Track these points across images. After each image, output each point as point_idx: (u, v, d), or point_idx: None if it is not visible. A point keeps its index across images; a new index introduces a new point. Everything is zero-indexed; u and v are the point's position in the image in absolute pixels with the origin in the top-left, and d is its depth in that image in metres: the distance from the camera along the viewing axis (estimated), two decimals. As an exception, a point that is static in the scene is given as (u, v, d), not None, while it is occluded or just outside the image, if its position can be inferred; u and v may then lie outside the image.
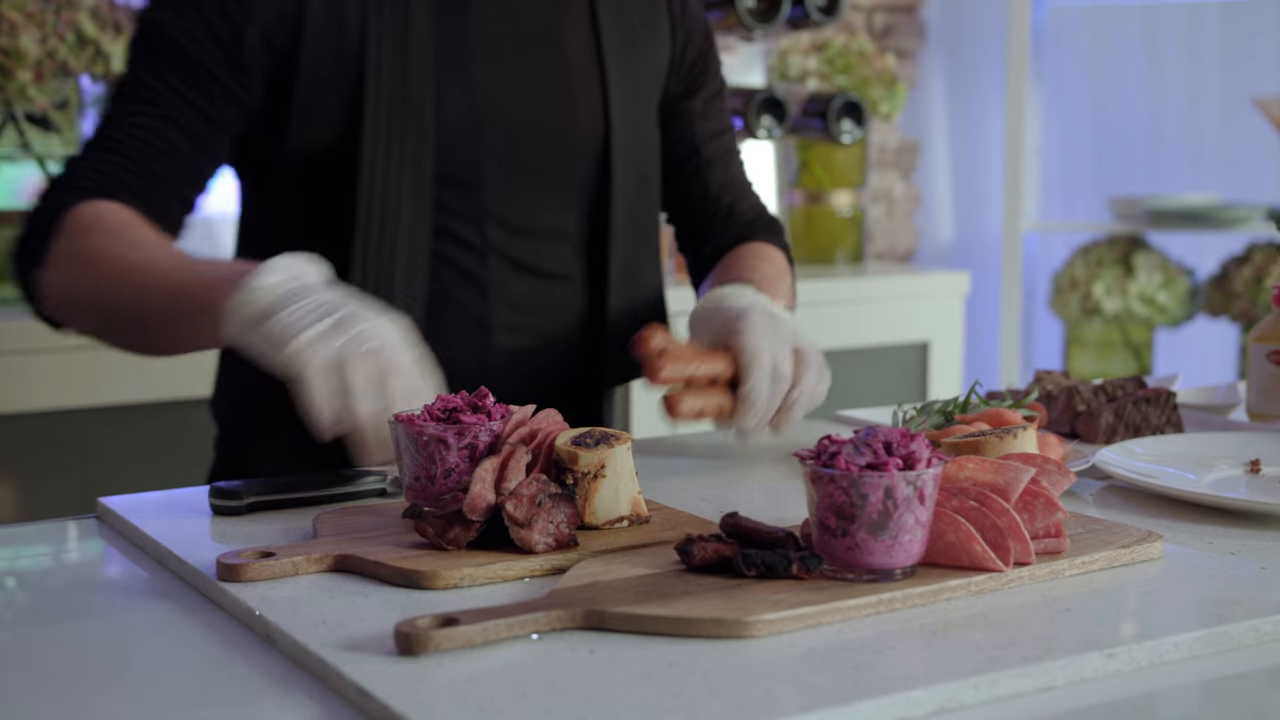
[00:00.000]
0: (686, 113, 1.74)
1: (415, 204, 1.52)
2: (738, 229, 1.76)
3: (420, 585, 1.04)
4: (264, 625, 0.98)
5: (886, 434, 1.02)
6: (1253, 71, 3.81)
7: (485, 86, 1.55)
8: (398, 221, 1.51)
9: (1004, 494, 1.06)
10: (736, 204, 1.78)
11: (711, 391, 1.42)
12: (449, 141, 1.53)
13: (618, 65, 1.63)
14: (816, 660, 0.90)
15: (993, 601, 1.01)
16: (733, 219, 1.77)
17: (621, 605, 0.96)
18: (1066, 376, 1.76)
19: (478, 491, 1.09)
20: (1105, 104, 4.03)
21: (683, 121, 1.74)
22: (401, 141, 1.50)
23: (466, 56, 1.54)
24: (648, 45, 1.67)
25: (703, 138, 1.76)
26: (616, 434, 1.18)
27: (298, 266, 1.31)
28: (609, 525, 1.16)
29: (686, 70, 1.74)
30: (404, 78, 1.50)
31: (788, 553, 1.02)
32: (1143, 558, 1.10)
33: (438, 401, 1.20)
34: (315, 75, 1.48)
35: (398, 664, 0.89)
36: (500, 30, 1.56)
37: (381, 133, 1.49)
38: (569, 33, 1.61)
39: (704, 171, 1.76)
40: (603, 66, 1.62)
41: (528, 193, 1.59)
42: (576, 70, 1.61)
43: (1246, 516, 1.24)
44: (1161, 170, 3.97)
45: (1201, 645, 0.95)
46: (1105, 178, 4.00)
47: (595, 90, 1.62)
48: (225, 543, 1.16)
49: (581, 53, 1.61)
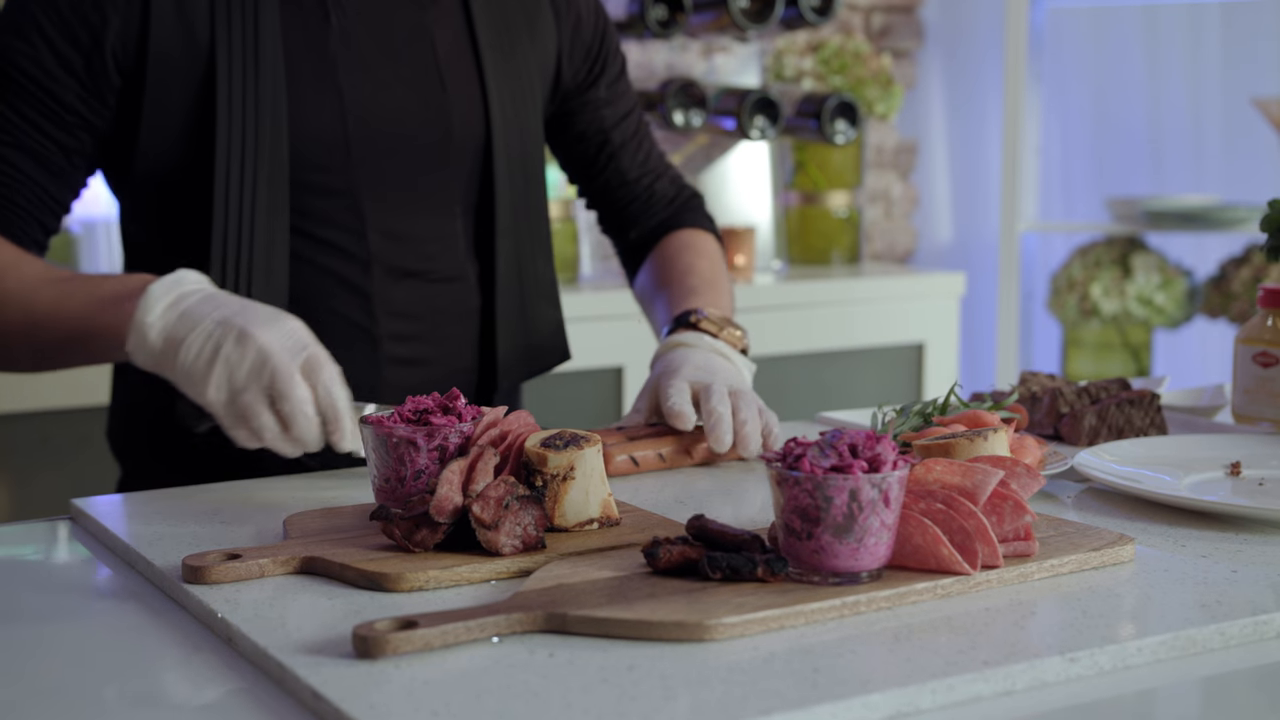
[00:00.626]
0: (593, 101, 1.74)
1: (271, 217, 1.49)
2: (661, 211, 1.78)
3: (385, 588, 1.04)
4: (225, 628, 0.97)
5: (852, 436, 1.01)
6: (1253, 72, 3.79)
7: (351, 93, 1.52)
8: (253, 234, 1.48)
9: (972, 497, 1.05)
10: (655, 184, 1.79)
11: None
12: (318, 150, 1.51)
13: (494, 60, 1.61)
14: (776, 664, 0.89)
15: (959, 605, 1.01)
16: (654, 200, 1.79)
17: (583, 608, 0.96)
18: (1052, 378, 1.75)
19: (444, 493, 1.09)
20: (1105, 104, 4.02)
21: (590, 111, 1.74)
22: (255, 153, 1.47)
23: (329, 63, 1.52)
24: (527, 37, 1.65)
25: (611, 124, 1.76)
26: (586, 436, 1.17)
27: (177, 288, 1.31)
28: (578, 527, 1.16)
29: (583, 57, 1.72)
30: (255, 89, 1.47)
31: (753, 555, 1.01)
32: (1113, 561, 1.10)
33: (409, 403, 1.19)
34: (163, 92, 1.46)
35: (354, 667, 0.89)
36: (362, 34, 1.54)
37: (235, 145, 1.47)
38: (439, 31, 1.58)
39: (617, 158, 1.76)
40: (479, 63, 1.60)
41: (408, 197, 1.57)
42: (449, 69, 1.58)
43: (1222, 519, 1.23)
44: (1162, 171, 3.96)
45: (1165, 649, 0.94)
46: (1105, 178, 3.99)
47: (472, 88, 1.60)
48: (195, 544, 1.16)
49: (454, 50, 1.59)
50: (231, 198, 1.47)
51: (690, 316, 1.57)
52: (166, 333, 1.29)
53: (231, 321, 1.27)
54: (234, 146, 1.47)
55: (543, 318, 1.69)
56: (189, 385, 1.28)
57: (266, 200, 1.49)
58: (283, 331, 1.28)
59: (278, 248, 1.50)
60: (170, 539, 1.18)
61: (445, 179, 1.59)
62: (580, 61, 1.72)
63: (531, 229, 1.68)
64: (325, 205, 1.53)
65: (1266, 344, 1.64)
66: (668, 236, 1.76)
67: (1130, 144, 3.99)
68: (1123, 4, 3.94)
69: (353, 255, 1.54)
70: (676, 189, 1.81)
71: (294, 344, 1.27)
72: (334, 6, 1.53)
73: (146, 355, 1.31)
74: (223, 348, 1.27)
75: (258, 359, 1.25)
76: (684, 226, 1.77)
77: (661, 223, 1.78)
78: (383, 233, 1.55)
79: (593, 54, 1.73)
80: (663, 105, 2.93)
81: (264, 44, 1.48)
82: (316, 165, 1.51)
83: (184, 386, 1.29)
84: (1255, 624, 0.97)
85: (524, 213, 1.66)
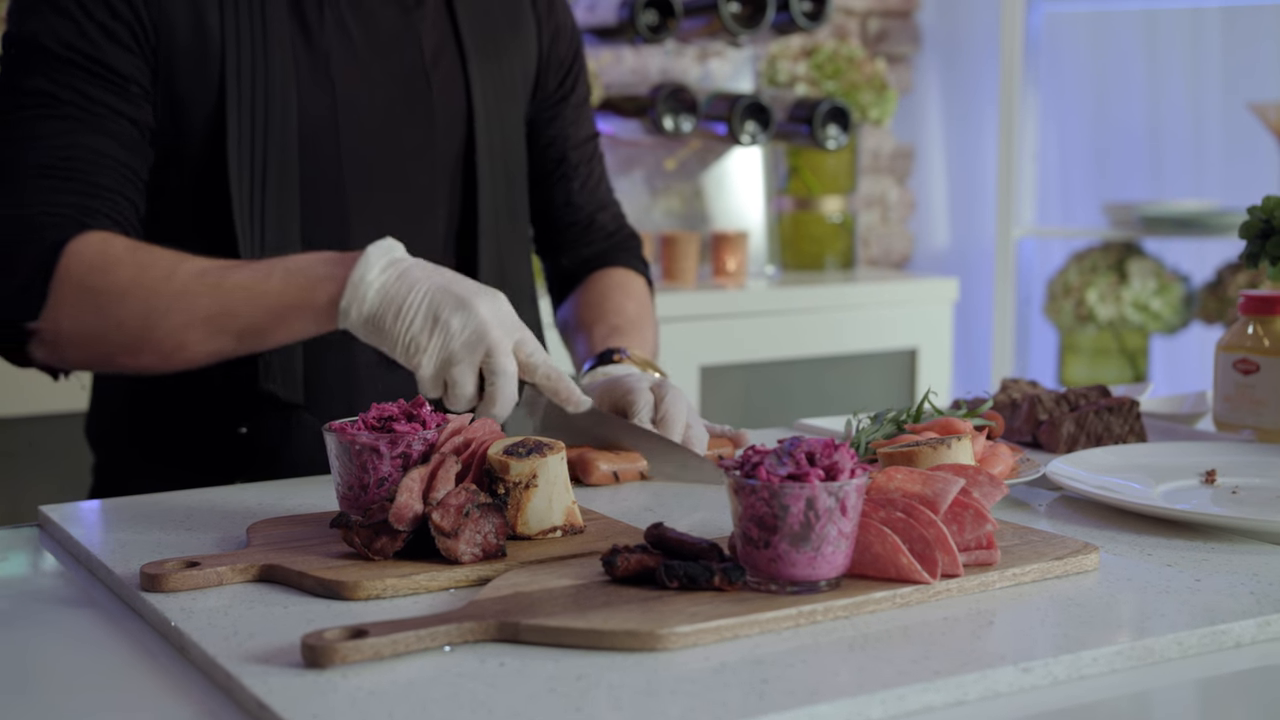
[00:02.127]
0: (560, 117, 1.75)
1: (282, 205, 1.50)
2: (599, 243, 1.80)
3: (342, 596, 1.03)
4: (178, 636, 0.97)
5: (809, 444, 1.01)
6: (1253, 77, 3.78)
7: (342, 86, 1.54)
8: (264, 219, 1.49)
9: (932, 505, 1.05)
10: (598, 215, 1.81)
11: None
12: (311, 144, 1.52)
13: (479, 63, 1.63)
14: (726, 674, 0.89)
15: (918, 614, 1.00)
16: (593, 229, 1.80)
17: (537, 617, 0.95)
18: (1034, 385, 1.74)
19: (404, 501, 1.09)
20: (1105, 109, 4.01)
21: (556, 126, 1.75)
22: (265, 137, 1.48)
23: (321, 56, 1.53)
24: (510, 42, 1.67)
25: (573, 143, 1.77)
26: (550, 443, 1.17)
27: (391, 252, 1.33)
28: (542, 535, 1.15)
29: (556, 67, 1.73)
30: (265, 75, 1.49)
31: (710, 564, 1.01)
32: (1077, 569, 1.09)
33: (373, 410, 1.19)
34: (174, 78, 1.47)
35: (302, 677, 0.88)
36: (353, 30, 1.56)
37: (245, 130, 1.48)
38: (425, 32, 1.60)
39: (570, 178, 1.78)
40: (464, 65, 1.62)
41: (392, 196, 1.58)
42: (435, 70, 1.60)
43: (1191, 528, 1.23)
44: (1161, 176, 3.95)
45: (1121, 659, 0.93)
46: (1104, 183, 3.98)
47: (457, 89, 1.61)
48: (158, 552, 1.15)
49: (440, 50, 1.61)
50: (243, 189, 1.48)
51: (614, 355, 1.59)
52: (385, 291, 1.31)
53: (450, 289, 1.30)
54: (243, 136, 1.48)
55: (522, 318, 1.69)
56: (405, 349, 1.30)
57: (277, 192, 1.50)
58: (497, 306, 1.31)
59: (290, 233, 1.51)
60: (134, 546, 1.17)
61: (429, 179, 1.61)
62: (556, 73, 1.74)
63: (513, 230, 1.69)
64: (313, 198, 1.53)
65: (1247, 351, 1.63)
66: (599, 273, 1.78)
67: (1130, 149, 3.98)
68: (1122, 8, 3.93)
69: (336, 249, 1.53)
70: (617, 225, 1.84)
71: (509, 321, 1.31)
72: (330, 5, 1.54)
73: (359, 314, 1.31)
74: (441, 315, 1.29)
75: (476, 332, 1.29)
76: (617, 265, 1.80)
77: (596, 255, 1.80)
78: (366, 229, 1.56)
79: (566, 67, 1.75)
80: (653, 110, 2.93)
81: (272, 32, 1.50)
82: (308, 158, 1.52)
83: (397, 350, 1.31)
84: (1213, 634, 0.97)
85: (505, 214, 1.67)
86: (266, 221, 1.50)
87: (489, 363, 1.30)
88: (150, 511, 1.29)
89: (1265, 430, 1.61)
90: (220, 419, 1.55)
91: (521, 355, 1.32)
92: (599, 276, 1.78)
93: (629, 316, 1.69)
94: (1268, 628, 0.98)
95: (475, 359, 1.30)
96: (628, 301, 1.73)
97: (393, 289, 1.31)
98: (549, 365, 1.34)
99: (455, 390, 1.31)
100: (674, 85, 2.94)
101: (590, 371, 1.59)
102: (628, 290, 1.75)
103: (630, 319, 1.69)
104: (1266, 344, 1.62)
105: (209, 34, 1.47)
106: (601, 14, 2.92)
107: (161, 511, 1.29)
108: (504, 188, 1.67)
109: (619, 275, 1.78)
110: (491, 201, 1.65)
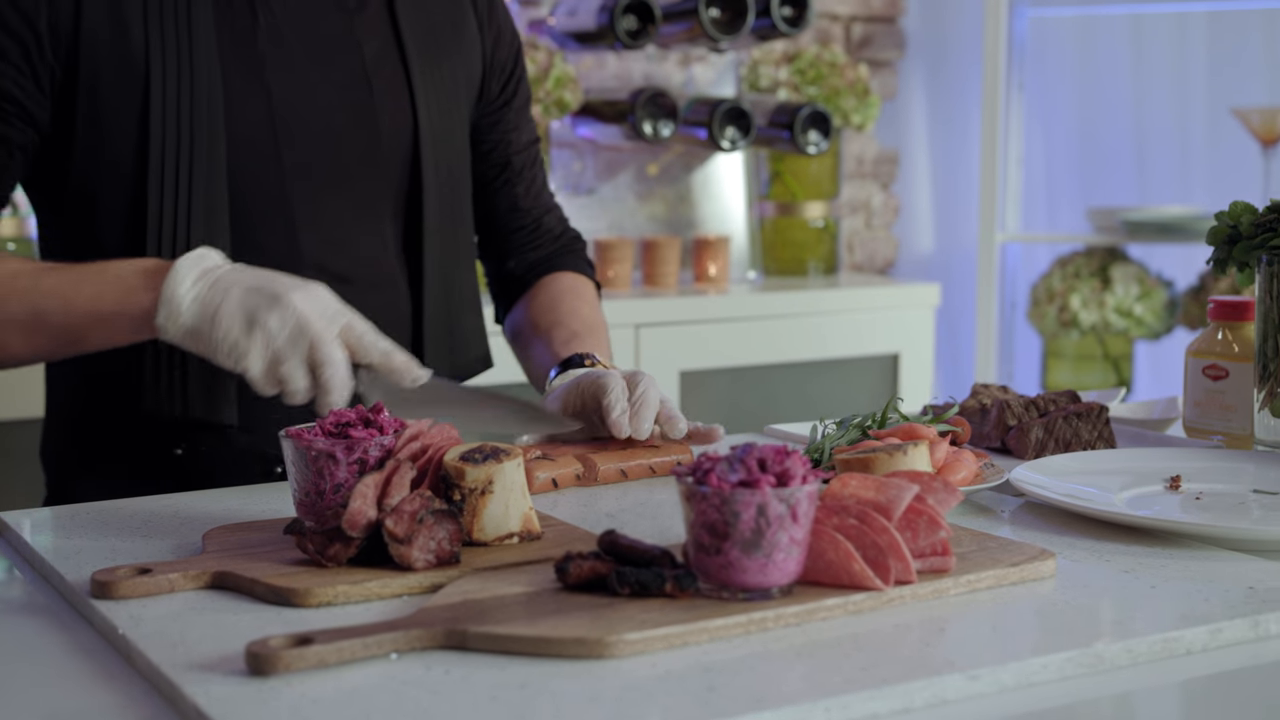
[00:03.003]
0: (503, 122, 1.74)
1: (209, 217, 1.48)
2: (546, 246, 1.80)
3: (293, 603, 1.03)
4: (125, 644, 0.96)
5: (761, 451, 1.00)
6: (1239, 82, 3.78)
7: (280, 94, 1.52)
8: (189, 235, 1.47)
9: (886, 512, 1.04)
10: (544, 218, 1.81)
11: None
12: (248, 153, 1.50)
13: (421, 66, 1.61)
14: (672, 681, 0.88)
15: (870, 621, 1.00)
16: (539, 233, 1.80)
17: (485, 624, 0.95)
18: (1004, 390, 1.74)
19: (357, 507, 1.08)
20: (1091, 114, 4.01)
21: (499, 132, 1.75)
22: (191, 152, 1.47)
23: (257, 62, 1.51)
24: (453, 46, 1.66)
25: (516, 149, 1.77)
26: (508, 449, 1.16)
27: (203, 262, 1.33)
28: (498, 541, 1.15)
29: (499, 72, 1.73)
30: (190, 87, 1.47)
31: (662, 571, 1.00)
32: (1033, 576, 1.09)
33: (330, 415, 1.18)
34: (97, 88, 1.45)
35: (245, 685, 0.88)
36: (289, 36, 1.53)
37: (170, 143, 1.46)
38: (366, 36, 1.58)
39: (514, 183, 1.77)
40: (406, 68, 1.60)
41: (337, 200, 1.57)
42: (378, 73, 1.58)
43: (1152, 534, 1.22)
44: (1147, 181, 3.95)
45: (1071, 666, 0.93)
46: (1091, 188, 3.98)
47: (400, 94, 1.60)
48: (113, 558, 1.15)
49: (382, 55, 1.59)
50: (167, 198, 1.46)
51: (585, 360, 1.59)
52: (200, 302, 1.31)
53: (263, 289, 1.30)
54: (169, 144, 1.46)
55: (467, 325, 1.69)
56: (227, 356, 1.30)
57: (204, 201, 1.48)
58: (314, 296, 1.31)
59: (218, 243, 1.49)
60: (89, 552, 1.17)
61: (374, 184, 1.59)
62: (498, 78, 1.73)
63: (456, 235, 1.68)
64: (256, 208, 1.52)
65: (1217, 356, 1.63)
66: (550, 277, 1.78)
67: (1116, 153, 3.98)
68: (1108, 12, 3.93)
69: (285, 258, 1.52)
70: (562, 228, 1.84)
71: (330, 309, 1.31)
72: (262, 7, 1.53)
73: (178, 328, 1.32)
74: (258, 316, 1.29)
75: (296, 327, 1.28)
76: (565, 269, 1.79)
77: (543, 258, 1.80)
78: (314, 236, 1.55)
79: (508, 72, 1.74)
80: (632, 116, 2.92)
81: (198, 40, 1.48)
82: (246, 167, 1.50)
83: (220, 357, 1.31)
84: (1164, 641, 0.96)
85: (449, 218, 1.66)
86: (193, 231, 1.47)
87: (315, 354, 1.29)
88: (108, 518, 1.29)
89: (1234, 436, 1.61)
90: (157, 441, 1.54)
91: (351, 339, 1.32)
92: (549, 281, 1.78)
93: (586, 321, 1.69)
94: (1219, 635, 0.98)
95: (300, 353, 1.29)
96: (582, 305, 1.73)
97: (207, 298, 1.31)
98: (381, 343, 1.33)
99: (288, 387, 1.30)
100: (654, 90, 2.94)
101: (560, 376, 1.58)
102: (580, 294, 1.75)
103: (588, 324, 1.69)
104: (1236, 349, 1.62)
105: (133, 45, 1.45)
106: (581, 19, 2.91)
107: (120, 518, 1.29)
108: (449, 194, 1.66)
109: (569, 279, 1.78)
110: (437, 208, 1.63)
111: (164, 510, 1.32)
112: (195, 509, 1.32)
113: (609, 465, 1.43)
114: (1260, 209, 1.56)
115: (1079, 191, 4.00)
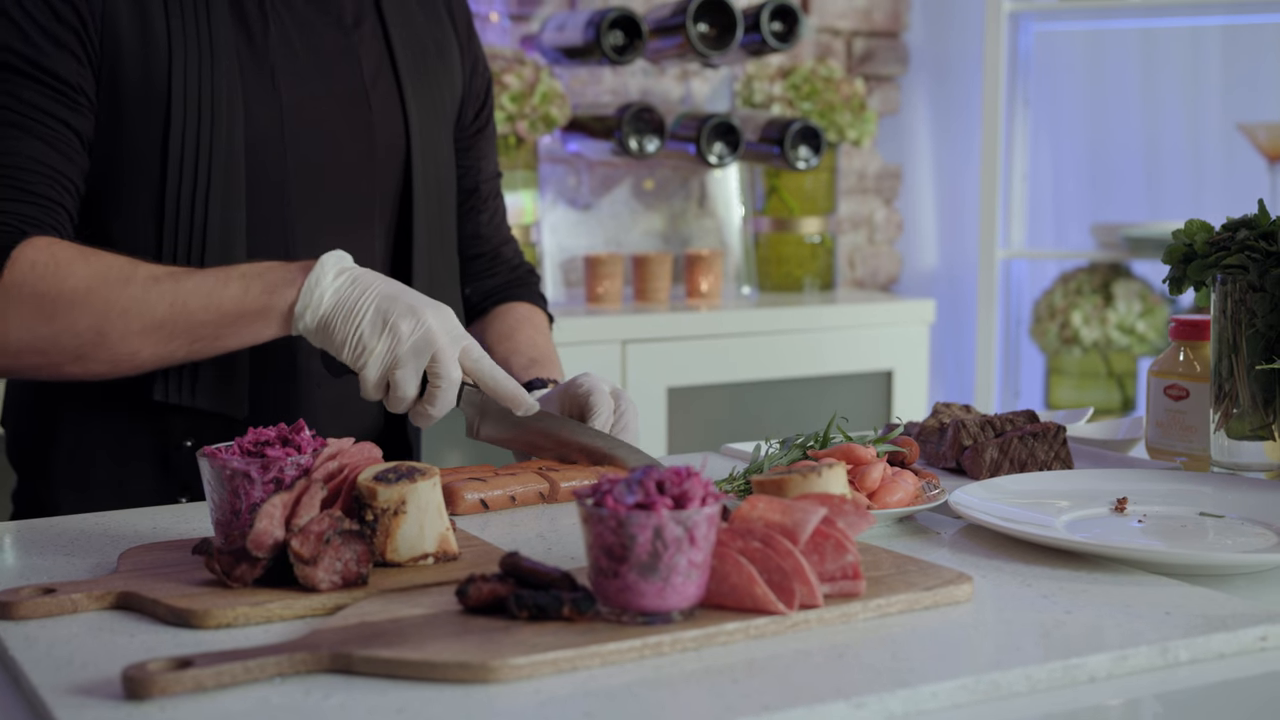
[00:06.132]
0: (475, 149, 1.78)
1: (227, 209, 1.50)
2: (502, 275, 1.84)
3: (192, 624, 1.02)
4: (13, 665, 0.96)
5: (661, 473, 0.99)
6: (1251, 97, 3.74)
7: (288, 100, 1.54)
8: (205, 225, 1.49)
9: (791, 535, 1.03)
10: (502, 248, 1.85)
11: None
12: (257, 151, 1.52)
13: (413, 84, 1.64)
14: (551, 707, 0.87)
15: (770, 646, 0.98)
16: (498, 262, 1.84)
17: (373, 648, 0.94)
18: (967, 409, 1.72)
19: (263, 527, 1.07)
20: (1100, 129, 3.97)
21: (470, 159, 1.78)
22: (211, 141, 1.48)
23: (267, 67, 1.54)
24: (439, 67, 1.69)
25: (484, 177, 1.81)
26: (424, 469, 1.15)
27: (342, 262, 1.37)
28: (412, 563, 1.13)
29: (474, 99, 1.77)
30: (211, 79, 1.49)
31: (560, 594, 0.99)
32: (947, 600, 1.07)
33: (249, 434, 1.18)
34: (119, 82, 1.46)
35: (119, 709, 0.87)
36: (297, 45, 1.56)
37: (190, 132, 1.48)
38: (363, 52, 1.61)
39: (479, 211, 1.81)
40: (399, 85, 1.63)
41: (336, 207, 1.58)
42: (374, 88, 1.61)
43: (1084, 558, 1.20)
44: (1156, 197, 3.91)
45: (965, 694, 0.91)
46: (1100, 204, 3.94)
47: (394, 110, 1.63)
48: (31, 576, 1.14)
49: (377, 71, 1.62)
50: (185, 187, 1.48)
51: (548, 382, 1.61)
52: (339, 294, 1.35)
53: (400, 298, 1.35)
54: (188, 138, 1.48)
55: None
56: (351, 351, 1.35)
57: (222, 191, 1.49)
58: (444, 316, 1.36)
59: (234, 236, 1.50)
60: (5, 573, 1.16)
61: (369, 197, 1.61)
62: (473, 104, 1.77)
63: (444, 252, 1.71)
64: (257, 208, 1.53)
65: (1178, 376, 1.61)
66: (505, 306, 1.81)
67: (1125, 170, 3.94)
68: (1118, 27, 3.89)
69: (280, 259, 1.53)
70: (519, 259, 1.88)
71: (456, 330, 1.37)
72: (273, 14, 1.55)
73: (315, 317, 1.35)
74: (390, 319, 1.33)
75: (424, 338, 1.33)
76: (520, 300, 1.83)
77: (499, 287, 1.83)
78: (308, 245, 1.56)
79: (480, 100, 1.78)
80: (619, 131, 2.91)
81: (218, 37, 1.50)
82: (253, 169, 1.52)
83: (344, 352, 1.35)
84: (1065, 668, 0.94)
85: (438, 234, 1.69)
86: (210, 228, 1.49)
87: (434, 367, 1.35)
88: (40, 535, 1.28)
89: (1195, 457, 1.58)
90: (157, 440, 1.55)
91: (468, 362, 1.38)
92: (506, 310, 1.81)
93: (543, 350, 1.73)
94: (1124, 662, 0.96)
95: (420, 364, 1.35)
96: (538, 336, 1.76)
97: (345, 293, 1.35)
98: (495, 370, 1.39)
99: (396, 393, 1.35)
100: (640, 105, 2.93)
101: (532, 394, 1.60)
102: (535, 325, 1.79)
103: (544, 353, 1.72)
104: (1197, 369, 1.60)
105: (155, 39, 1.47)
106: (569, 34, 2.91)
107: (51, 535, 1.28)
108: (436, 212, 1.68)
109: (524, 310, 1.81)
110: (425, 225, 1.66)
111: (95, 529, 1.31)
112: (127, 527, 1.32)
113: (571, 484, 1.42)
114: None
115: (1088, 207, 3.96)
